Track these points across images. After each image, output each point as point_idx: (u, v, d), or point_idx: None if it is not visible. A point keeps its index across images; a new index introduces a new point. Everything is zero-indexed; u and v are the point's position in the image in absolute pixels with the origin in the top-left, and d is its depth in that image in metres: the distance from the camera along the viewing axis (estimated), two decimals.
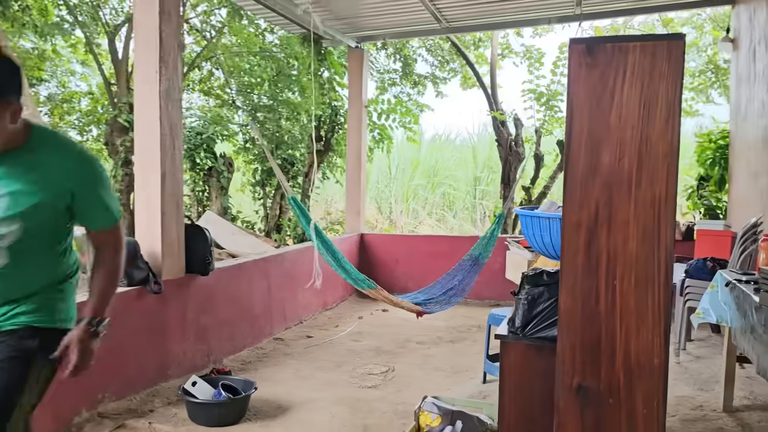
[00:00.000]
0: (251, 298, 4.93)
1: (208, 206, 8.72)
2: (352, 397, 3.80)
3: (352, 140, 7.31)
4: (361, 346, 5.05)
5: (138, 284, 3.64)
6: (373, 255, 7.22)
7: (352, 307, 6.54)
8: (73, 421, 3.18)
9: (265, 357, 4.69)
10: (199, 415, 3.31)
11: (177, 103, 4.00)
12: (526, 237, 2.70)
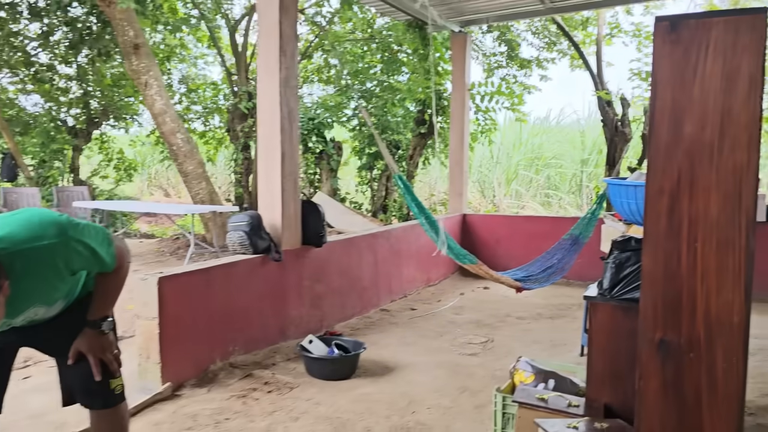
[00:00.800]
0: (360, 271, 5.29)
1: (319, 187, 9.25)
2: (452, 363, 4.06)
3: (455, 123, 7.50)
4: (462, 318, 5.29)
5: (261, 252, 4.08)
6: (475, 235, 7.39)
7: (454, 284, 6.77)
8: (209, 368, 3.66)
9: (372, 325, 5.04)
10: (314, 369, 3.70)
11: (294, 89, 4.39)
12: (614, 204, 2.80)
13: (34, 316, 1.88)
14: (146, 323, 3.35)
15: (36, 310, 1.85)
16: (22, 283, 1.69)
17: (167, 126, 8.13)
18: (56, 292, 1.87)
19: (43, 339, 2.04)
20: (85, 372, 1.99)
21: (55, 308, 1.94)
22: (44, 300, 1.84)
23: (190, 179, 8.52)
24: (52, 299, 1.88)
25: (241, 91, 9.35)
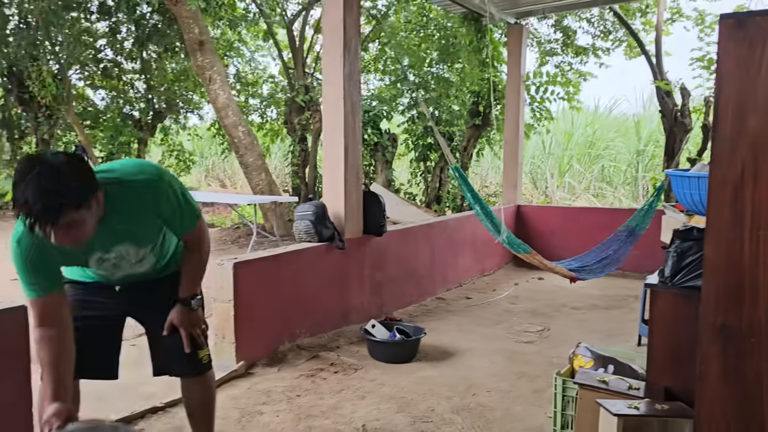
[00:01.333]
0: (417, 260, 5.44)
1: (374, 179, 9.43)
2: (509, 350, 4.17)
3: (510, 114, 7.54)
4: (517, 308, 5.38)
5: (326, 241, 4.27)
6: (530, 226, 7.43)
7: (509, 275, 6.84)
8: (278, 349, 3.89)
9: (429, 312, 5.19)
10: (378, 352, 3.88)
11: (357, 84, 4.56)
12: (677, 195, 2.85)
13: (126, 257, 2.07)
14: (222, 305, 3.59)
15: (126, 248, 2.04)
16: (118, 214, 1.91)
17: (229, 119, 8.45)
18: (145, 235, 2.06)
19: (144, 313, 2.28)
20: (176, 345, 2.18)
21: (144, 262, 2.13)
22: (133, 239, 2.03)
23: (251, 170, 8.83)
24: (141, 241, 2.06)
25: (298, 85, 9.59)
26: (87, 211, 1.74)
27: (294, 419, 2.99)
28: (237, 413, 3.05)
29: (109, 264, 2.08)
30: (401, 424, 2.96)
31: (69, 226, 1.71)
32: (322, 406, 3.15)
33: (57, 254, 1.92)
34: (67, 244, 1.76)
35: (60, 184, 1.65)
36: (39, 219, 1.66)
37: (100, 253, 2.02)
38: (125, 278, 2.18)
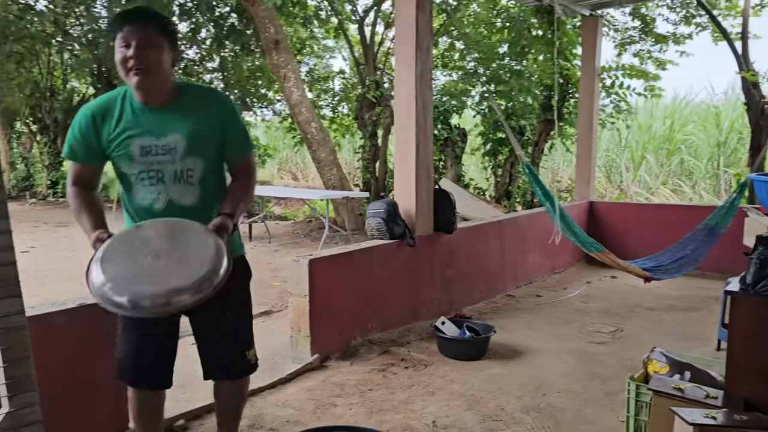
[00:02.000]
0: (487, 257, 5.45)
1: (444, 174, 9.44)
2: (580, 350, 4.13)
3: (583, 108, 7.38)
4: (589, 307, 5.30)
5: (397, 238, 4.35)
6: (603, 222, 7.27)
7: (580, 273, 6.73)
8: (351, 343, 4.01)
9: (499, 310, 5.19)
10: (447, 349, 3.93)
11: (428, 83, 4.60)
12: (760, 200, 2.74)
13: (173, 156, 2.05)
14: (298, 300, 3.74)
15: (177, 141, 2.05)
16: (182, 102, 2.10)
17: (303, 116, 8.67)
18: (199, 136, 2.07)
19: (197, 315, 2.23)
20: (228, 349, 2.28)
21: (190, 188, 2.09)
22: (187, 133, 2.06)
23: (323, 166, 9.04)
24: (194, 139, 2.06)
25: (369, 81, 9.71)
26: (163, 50, 2.03)
27: (366, 413, 3.10)
28: (312, 405, 3.19)
29: (154, 162, 2.06)
30: (471, 422, 3.01)
31: (148, 45, 1.98)
32: (393, 401, 3.25)
33: (108, 128, 2.07)
34: (137, 62, 1.97)
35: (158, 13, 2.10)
36: (130, 15, 2.03)
37: (151, 138, 2.05)
38: (170, 213, 2.09)
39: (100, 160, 2.14)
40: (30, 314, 2.52)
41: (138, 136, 2.07)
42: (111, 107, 2.10)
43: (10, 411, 2.05)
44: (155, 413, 2.35)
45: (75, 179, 2.15)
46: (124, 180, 2.15)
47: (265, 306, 5.16)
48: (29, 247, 8.03)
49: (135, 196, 2.12)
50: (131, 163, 2.08)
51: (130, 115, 2.09)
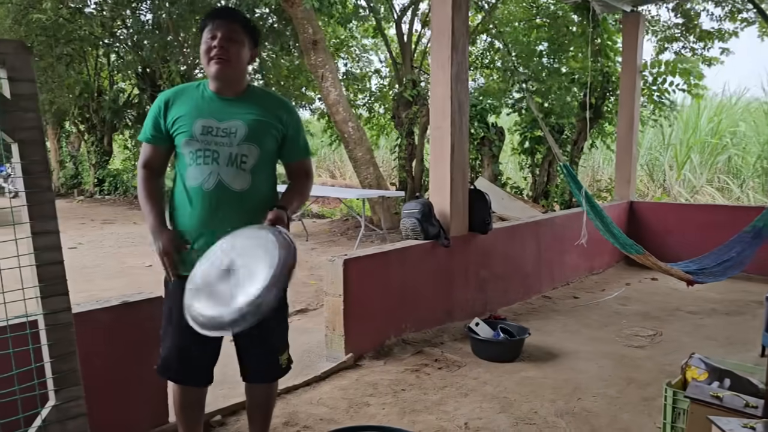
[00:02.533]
0: (523, 258, 5.41)
1: (480, 173, 9.39)
2: (617, 354, 4.07)
3: (624, 107, 7.24)
4: (627, 309, 5.21)
5: (432, 238, 4.36)
6: (643, 223, 7.13)
7: (619, 274, 6.62)
8: (384, 343, 4.04)
9: (534, 311, 5.15)
10: (481, 350, 3.93)
11: (464, 83, 4.59)
12: None
13: (230, 140, 2.17)
14: (333, 299, 3.78)
15: (237, 127, 2.19)
16: (250, 97, 2.27)
17: (340, 115, 8.74)
18: (259, 128, 2.21)
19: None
20: (265, 354, 2.36)
21: (241, 174, 2.19)
22: (248, 122, 2.20)
23: (359, 165, 9.09)
24: (253, 128, 2.20)
25: (406, 79, 9.72)
26: (244, 46, 2.23)
27: (399, 413, 3.12)
28: (345, 403, 3.23)
29: (212, 143, 2.17)
30: (503, 425, 3.00)
31: (231, 39, 2.18)
32: (426, 402, 3.26)
33: (177, 110, 2.23)
34: (220, 52, 2.16)
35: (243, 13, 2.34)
36: (220, 12, 2.25)
37: (213, 120, 2.20)
38: (218, 193, 2.17)
39: (167, 142, 2.29)
40: (76, 311, 2.64)
41: (202, 117, 2.21)
42: (184, 92, 2.29)
43: (56, 404, 2.15)
44: (197, 408, 2.43)
45: (145, 161, 2.32)
46: (180, 160, 2.27)
47: (301, 304, 5.24)
48: (77, 244, 8.32)
49: (188, 175, 2.22)
50: (190, 140, 2.20)
51: (200, 100, 2.25)
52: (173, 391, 2.38)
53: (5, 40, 2.02)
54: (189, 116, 2.21)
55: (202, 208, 2.20)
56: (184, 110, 2.23)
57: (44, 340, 2.14)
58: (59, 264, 2.17)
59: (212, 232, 2.18)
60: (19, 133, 2.03)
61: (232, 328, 1.94)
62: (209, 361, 2.35)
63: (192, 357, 2.29)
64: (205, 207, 2.20)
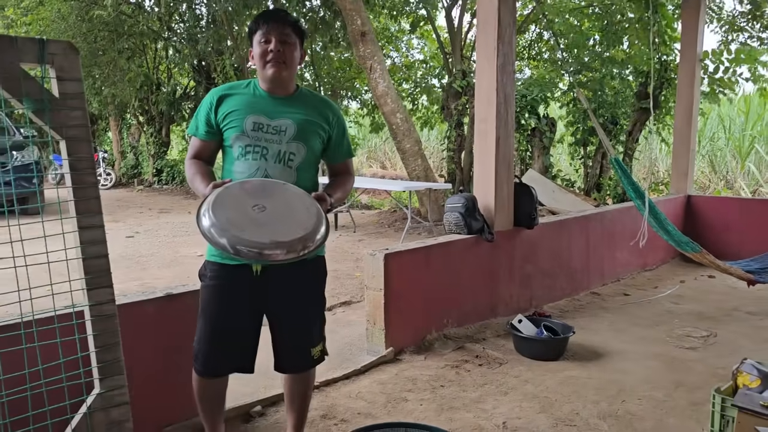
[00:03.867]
0: (570, 253, 5.29)
1: (530, 164, 9.22)
2: (667, 355, 3.93)
3: (682, 96, 6.95)
4: (680, 308, 5.03)
5: (475, 233, 4.31)
6: (701, 219, 6.86)
7: (674, 271, 6.39)
8: (425, 338, 4.02)
9: (581, 308, 5.03)
10: (523, 348, 3.87)
11: (511, 75, 4.50)
12: None
13: (280, 138, 2.24)
14: (374, 293, 3.79)
15: (287, 125, 2.25)
16: (300, 98, 2.34)
17: (388, 107, 8.72)
18: (307, 128, 2.28)
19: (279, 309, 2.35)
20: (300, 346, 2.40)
21: (287, 171, 2.25)
22: (297, 121, 2.27)
23: (407, 156, 9.07)
24: (302, 127, 2.27)
25: (455, 70, 9.62)
26: (296, 48, 2.30)
27: (437, 409, 3.11)
28: (383, 398, 3.24)
29: (262, 139, 2.24)
30: (543, 426, 2.95)
31: (286, 41, 2.25)
32: (464, 399, 3.24)
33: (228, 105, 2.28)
34: (277, 56, 2.23)
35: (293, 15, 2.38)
36: (271, 15, 2.29)
37: (264, 118, 2.26)
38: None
39: (216, 137, 2.34)
40: (122, 302, 2.73)
41: (253, 113, 2.26)
42: (236, 89, 2.34)
43: (100, 392, 2.23)
44: (221, 400, 2.47)
45: (193, 154, 2.37)
46: (228, 155, 2.33)
47: (345, 296, 5.28)
48: (134, 232, 8.61)
49: (236, 170, 2.27)
50: (241, 135, 2.25)
51: (252, 97, 2.31)
52: (197, 383, 2.40)
53: (54, 40, 2.08)
54: (241, 112, 2.27)
55: None
56: (236, 106, 2.28)
57: (90, 331, 2.22)
58: (104, 257, 2.24)
59: None
60: (67, 130, 2.10)
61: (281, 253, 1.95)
62: (251, 349, 2.38)
63: (224, 343, 2.32)
64: None
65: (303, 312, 2.39)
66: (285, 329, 2.37)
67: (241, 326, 2.33)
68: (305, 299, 2.39)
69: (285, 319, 2.36)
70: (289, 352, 2.41)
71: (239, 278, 2.28)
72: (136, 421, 2.34)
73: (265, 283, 2.29)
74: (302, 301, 2.38)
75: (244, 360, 2.38)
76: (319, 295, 2.46)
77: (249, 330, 2.36)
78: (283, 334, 2.38)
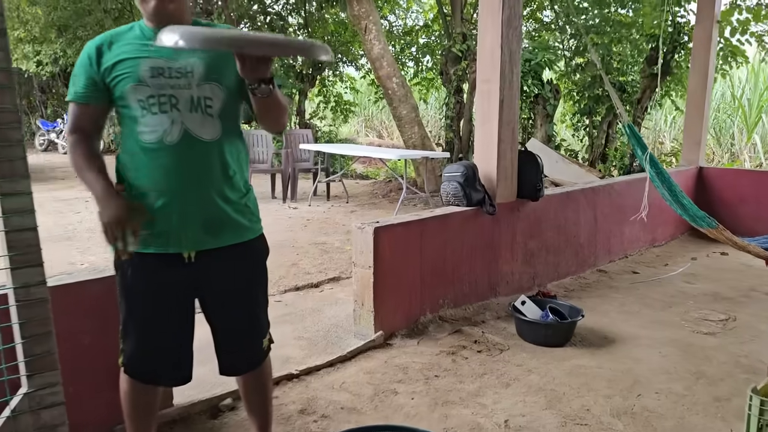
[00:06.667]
0: (577, 228, 4.91)
1: (533, 133, 8.79)
2: (683, 341, 3.58)
3: (697, 61, 6.49)
4: (694, 288, 4.67)
5: (475, 205, 3.92)
6: (714, 192, 6.47)
7: (684, 247, 6.03)
8: (419, 320, 3.66)
9: (588, 287, 4.67)
10: (527, 332, 3.51)
11: (517, 30, 4.06)
12: None
13: (189, 82, 1.77)
14: (362, 271, 3.41)
15: (194, 65, 1.78)
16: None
17: (384, 70, 8.25)
18: (220, 65, 1.79)
19: (216, 300, 1.95)
20: (244, 341, 2.00)
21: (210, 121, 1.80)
22: (205, 58, 1.78)
23: (404, 123, 8.63)
24: (213, 66, 1.79)
25: (455, 33, 9.11)
26: None
27: (430, 404, 2.75)
28: (371, 390, 2.88)
29: (166, 86, 1.76)
30: (550, 424, 2.60)
31: None
32: (461, 392, 2.88)
33: (114, 53, 1.79)
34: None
35: None
36: None
37: (163, 60, 1.77)
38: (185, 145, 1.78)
39: (104, 98, 1.84)
40: (62, 282, 2.33)
41: (148, 56, 1.78)
42: (118, 35, 1.84)
43: (28, 392, 1.85)
44: (154, 409, 2.08)
45: (75, 125, 1.86)
46: (126, 117, 1.83)
47: (334, 272, 4.91)
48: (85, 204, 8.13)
49: (143, 129, 1.78)
50: (138, 86, 1.76)
51: (141, 40, 1.82)
52: (125, 387, 2.00)
53: None
54: (132, 59, 1.78)
55: (166, 166, 1.78)
56: (124, 53, 1.79)
57: (15, 319, 1.84)
58: (32, 230, 1.84)
59: (179, 195, 1.80)
60: None
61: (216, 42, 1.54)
62: (185, 355, 1.99)
63: (164, 351, 1.93)
64: (170, 164, 1.78)
65: (248, 296, 1.98)
66: (230, 320, 1.96)
67: (172, 327, 1.93)
68: (249, 281, 1.98)
69: (229, 308, 1.95)
70: (237, 348, 2.01)
71: (166, 269, 1.86)
72: (75, 424, 1.97)
73: (199, 270, 1.88)
74: (246, 283, 1.97)
75: (182, 368, 1.99)
76: (263, 276, 2.04)
77: (182, 330, 1.96)
78: (228, 327, 1.97)
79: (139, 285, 1.88)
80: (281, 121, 1.89)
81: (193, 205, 1.82)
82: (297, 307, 4.10)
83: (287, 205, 8.09)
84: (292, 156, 8.35)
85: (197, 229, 1.83)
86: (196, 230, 1.83)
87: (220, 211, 1.86)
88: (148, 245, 1.83)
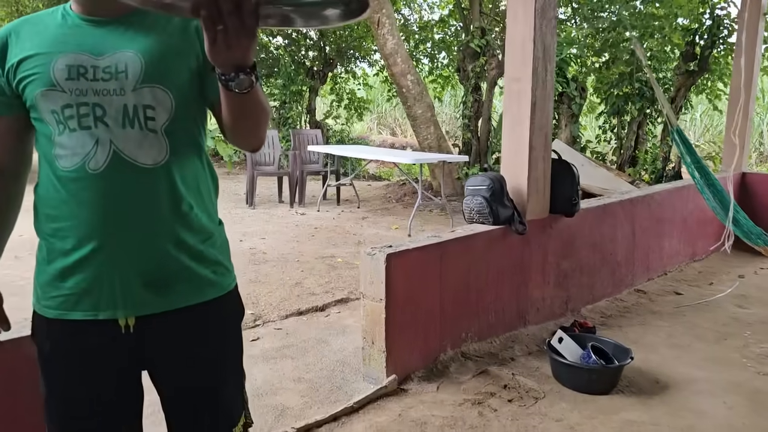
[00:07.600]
0: (614, 244, 4.38)
1: (557, 134, 8.24)
2: (749, 386, 3.05)
3: (740, 57, 5.91)
4: (748, 314, 4.13)
5: (503, 223, 3.40)
6: (757, 200, 5.91)
7: (727, 261, 5.46)
8: (439, 358, 3.16)
9: (627, 312, 4.15)
10: (565, 377, 2.99)
11: (552, 22, 3.53)
12: None
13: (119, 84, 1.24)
14: (371, 305, 2.92)
15: (127, 62, 1.25)
16: (141, 14, 1.27)
17: (398, 67, 7.75)
18: (164, 55, 1.27)
19: (166, 370, 1.40)
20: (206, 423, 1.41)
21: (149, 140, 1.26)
22: (144, 50, 1.26)
23: (419, 123, 8.13)
24: (154, 60, 1.26)
25: (473, 27, 8.57)
26: None
27: None
28: None
29: (88, 91, 1.24)
30: None
31: None
32: None
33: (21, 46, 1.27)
34: None
35: None
36: None
37: (87, 56, 1.25)
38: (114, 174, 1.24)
39: (14, 109, 1.31)
40: None
41: (65, 52, 1.26)
42: (33, 22, 1.31)
43: None
44: None
45: None
46: (41, 134, 1.30)
47: (341, 292, 4.42)
48: None
49: (58, 152, 1.26)
50: (49, 92, 1.24)
51: (59, 28, 1.29)
52: None
53: None
54: (43, 54, 1.26)
55: (90, 202, 1.25)
56: (34, 46, 1.27)
57: None
58: None
59: (109, 240, 1.27)
60: None
61: None
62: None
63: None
64: (94, 199, 1.25)
65: (212, 376, 1.40)
66: (187, 410, 1.41)
67: (108, 409, 1.38)
68: (213, 357, 1.40)
69: (186, 395, 1.40)
70: None
71: (97, 339, 1.32)
72: None
73: (143, 342, 1.34)
74: (208, 362, 1.40)
75: None
76: (233, 345, 1.47)
77: (120, 410, 1.41)
78: (184, 418, 1.42)
79: (60, 360, 1.37)
80: (259, 133, 1.33)
81: (128, 255, 1.28)
82: (299, 337, 3.61)
83: (294, 210, 7.61)
84: (300, 158, 7.87)
85: (135, 286, 1.29)
86: (135, 288, 1.29)
87: (170, 261, 1.31)
88: (72, 309, 1.32)
